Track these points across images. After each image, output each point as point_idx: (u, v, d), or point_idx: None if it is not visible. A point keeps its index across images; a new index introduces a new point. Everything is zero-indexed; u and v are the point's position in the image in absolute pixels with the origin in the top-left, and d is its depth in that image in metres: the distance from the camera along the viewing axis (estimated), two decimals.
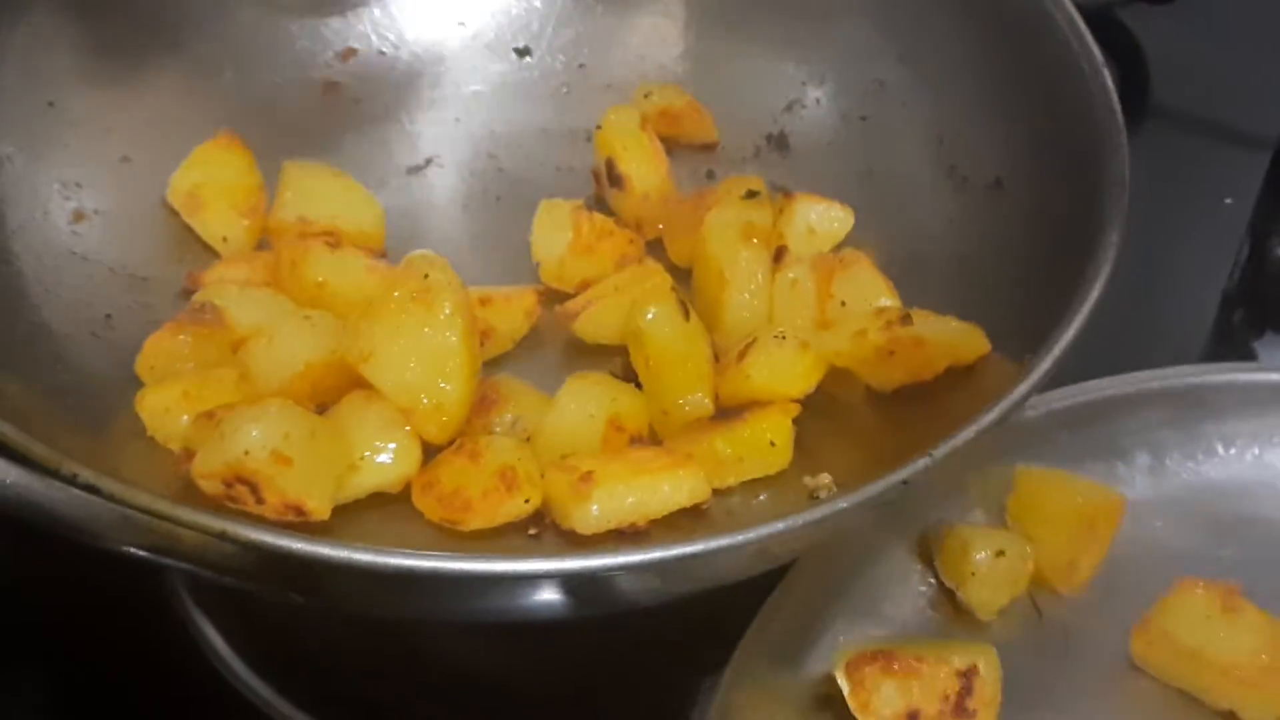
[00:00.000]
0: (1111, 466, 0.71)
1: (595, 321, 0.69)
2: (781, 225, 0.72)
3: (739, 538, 0.50)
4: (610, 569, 0.49)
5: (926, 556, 0.67)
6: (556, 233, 0.72)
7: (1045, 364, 0.57)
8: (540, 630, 0.63)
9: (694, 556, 0.49)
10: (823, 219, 0.72)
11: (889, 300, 0.68)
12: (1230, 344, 0.88)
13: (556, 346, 0.71)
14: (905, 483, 0.53)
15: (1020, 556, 0.65)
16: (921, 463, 0.53)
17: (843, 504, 0.52)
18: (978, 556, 0.64)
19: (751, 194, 0.72)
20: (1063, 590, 0.66)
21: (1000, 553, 0.64)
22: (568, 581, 0.50)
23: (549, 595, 0.52)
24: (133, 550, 0.47)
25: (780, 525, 0.51)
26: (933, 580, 0.67)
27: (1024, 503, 0.68)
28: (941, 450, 0.54)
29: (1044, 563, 0.66)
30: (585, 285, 0.72)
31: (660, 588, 0.55)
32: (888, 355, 0.63)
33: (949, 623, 0.65)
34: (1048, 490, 0.67)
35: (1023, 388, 0.56)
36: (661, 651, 0.65)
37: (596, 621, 0.61)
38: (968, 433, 0.55)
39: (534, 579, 0.50)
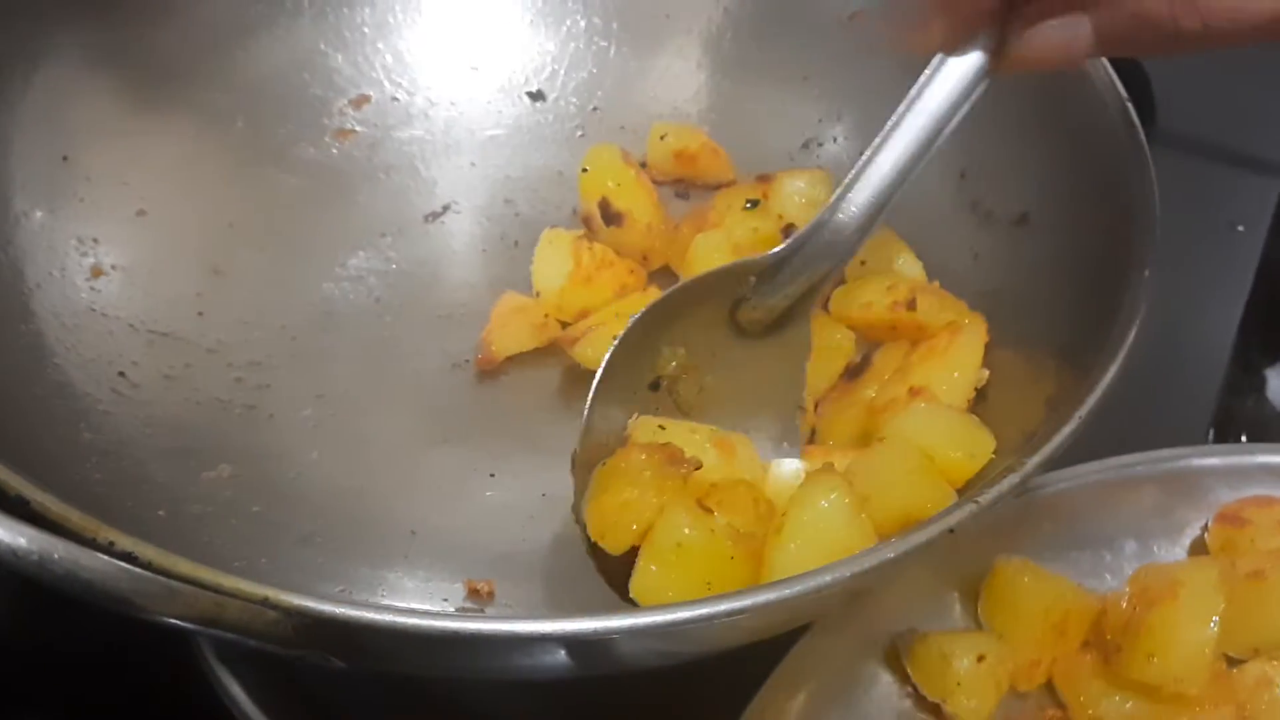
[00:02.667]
0: (1098, 556, 0.67)
1: (595, 346, 0.68)
2: (776, 207, 0.74)
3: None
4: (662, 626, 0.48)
5: (899, 669, 0.63)
6: (557, 262, 0.72)
7: (1089, 403, 0.56)
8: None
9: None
10: (810, 184, 0.74)
11: (906, 260, 0.72)
12: (1247, 371, 0.88)
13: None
14: (952, 530, 0.52)
15: (999, 658, 0.61)
16: (968, 508, 0.53)
17: (889, 553, 0.51)
18: (959, 664, 0.60)
19: (752, 204, 0.73)
20: (1020, 688, 0.63)
21: (981, 657, 0.61)
22: (617, 641, 0.49)
23: (600, 654, 0.51)
24: (176, 622, 0.46)
25: (828, 577, 0.50)
26: (910, 691, 0.63)
27: (996, 598, 0.64)
28: (988, 496, 0.53)
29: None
30: (585, 315, 0.72)
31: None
32: (889, 329, 0.68)
33: None
34: (1021, 587, 0.63)
35: (1066, 430, 0.55)
36: None
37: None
38: (1012, 479, 0.54)
39: (579, 640, 0.50)
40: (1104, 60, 0.69)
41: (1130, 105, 0.67)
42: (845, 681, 0.62)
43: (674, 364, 0.65)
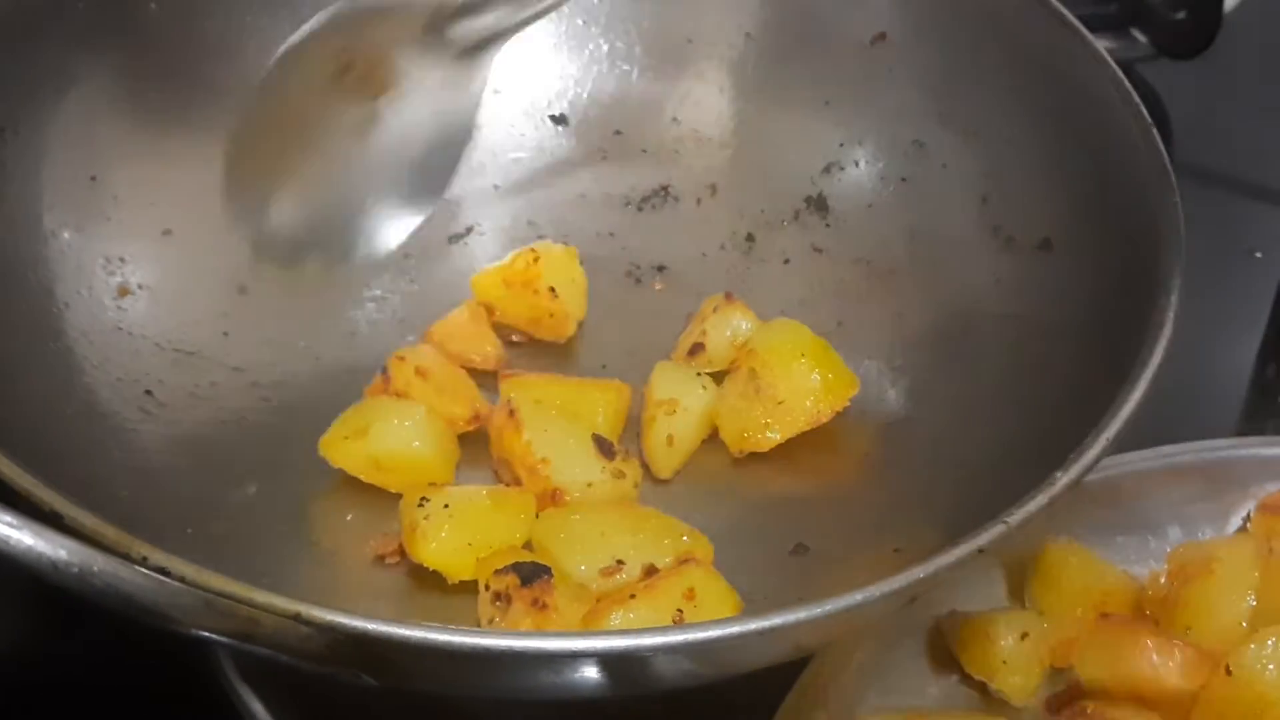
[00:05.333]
0: (1143, 541, 0.69)
1: None
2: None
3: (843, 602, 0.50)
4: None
5: (941, 648, 0.65)
6: None
7: (1115, 426, 0.56)
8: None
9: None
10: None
11: None
12: (1267, 397, 0.88)
13: None
14: (981, 550, 0.52)
15: (1041, 635, 0.63)
16: (998, 529, 0.53)
17: (919, 573, 0.52)
18: (1004, 643, 0.62)
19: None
20: (1059, 664, 0.64)
21: (1024, 635, 0.62)
22: (658, 658, 0.49)
23: (641, 671, 0.51)
24: (210, 635, 0.47)
25: (859, 596, 0.50)
26: (950, 671, 0.64)
27: (1044, 577, 0.66)
28: (1017, 517, 0.53)
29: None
30: None
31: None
32: None
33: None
34: (1068, 567, 0.66)
35: (1093, 452, 0.55)
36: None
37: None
38: (1040, 499, 0.54)
39: (618, 656, 0.50)
40: (1126, 83, 0.69)
41: (1154, 129, 0.67)
42: (885, 661, 0.63)
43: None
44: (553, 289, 0.73)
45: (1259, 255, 0.95)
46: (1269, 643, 0.59)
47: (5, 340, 0.63)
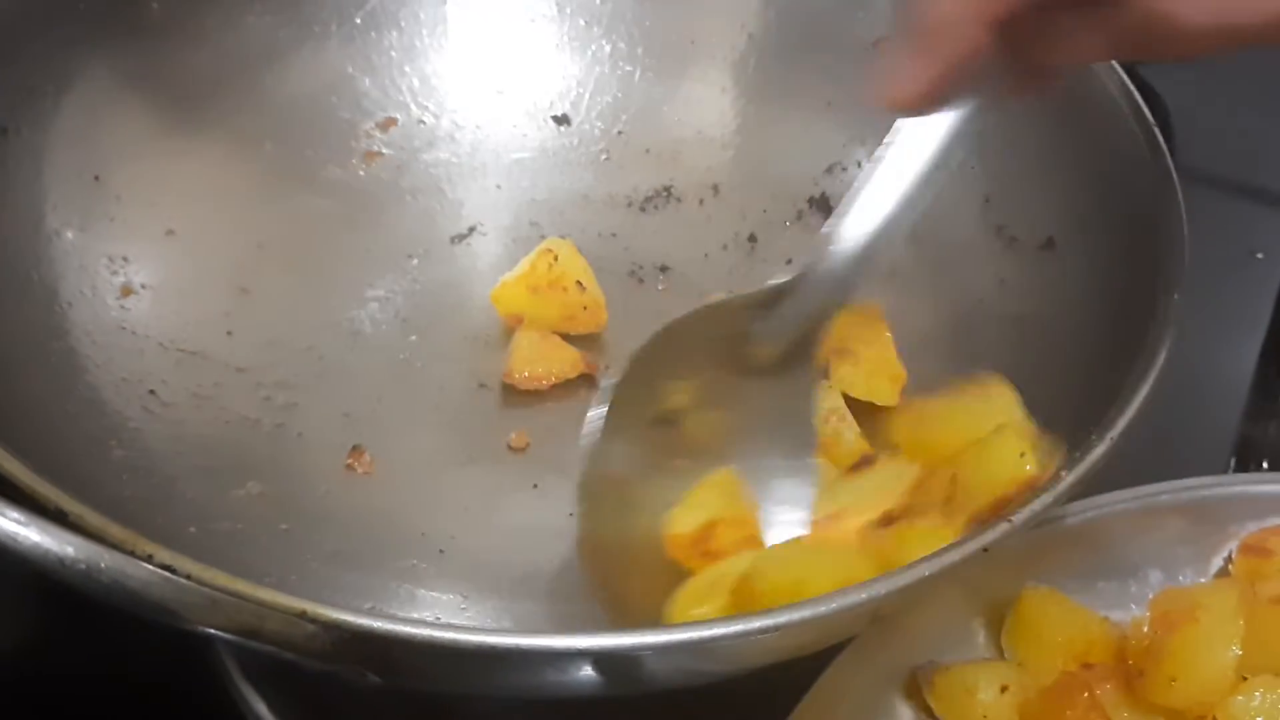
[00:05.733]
0: (1124, 585, 0.66)
1: None
2: None
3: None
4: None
5: (920, 701, 0.62)
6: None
7: (1119, 426, 0.56)
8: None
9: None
10: None
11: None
12: (1268, 398, 0.88)
13: None
14: (986, 549, 0.52)
15: (1021, 686, 0.61)
16: (1002, 527, 0.53)
17: (925, 570, 0.51)
18: (983, 696, 0.60)
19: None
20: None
21: (1004, 688, 0.60)
22: (660, 655, 0.50)
23: (645, 669, 0.51)
24: (216, 632, 0.47)
25: (863, 594, 0.50)
26: None
27: (1022, 626, 0.64)
28: (1022, 515, 0.53)
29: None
30: None
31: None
32: None
33: None
34: (1047, 616, 0.63)
35: (1098, 451, 0.55)
36: None
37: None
38: (1046, 497, 0.54)
39: (613, 655, 0.50)
40: (1130, 84, 0.69)
41: (1157, 129, 0.67)
42: (866, 716, 0.61)
43: (681, 398, 0.64)
44: (579, 283, 0.72)
45: (1260, 256, 0.95)
46: (1256, 694, 0.59)
47: (9, 340, 0.63)
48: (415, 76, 0.81)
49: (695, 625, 0.49)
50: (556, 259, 0.72)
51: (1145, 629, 0.63)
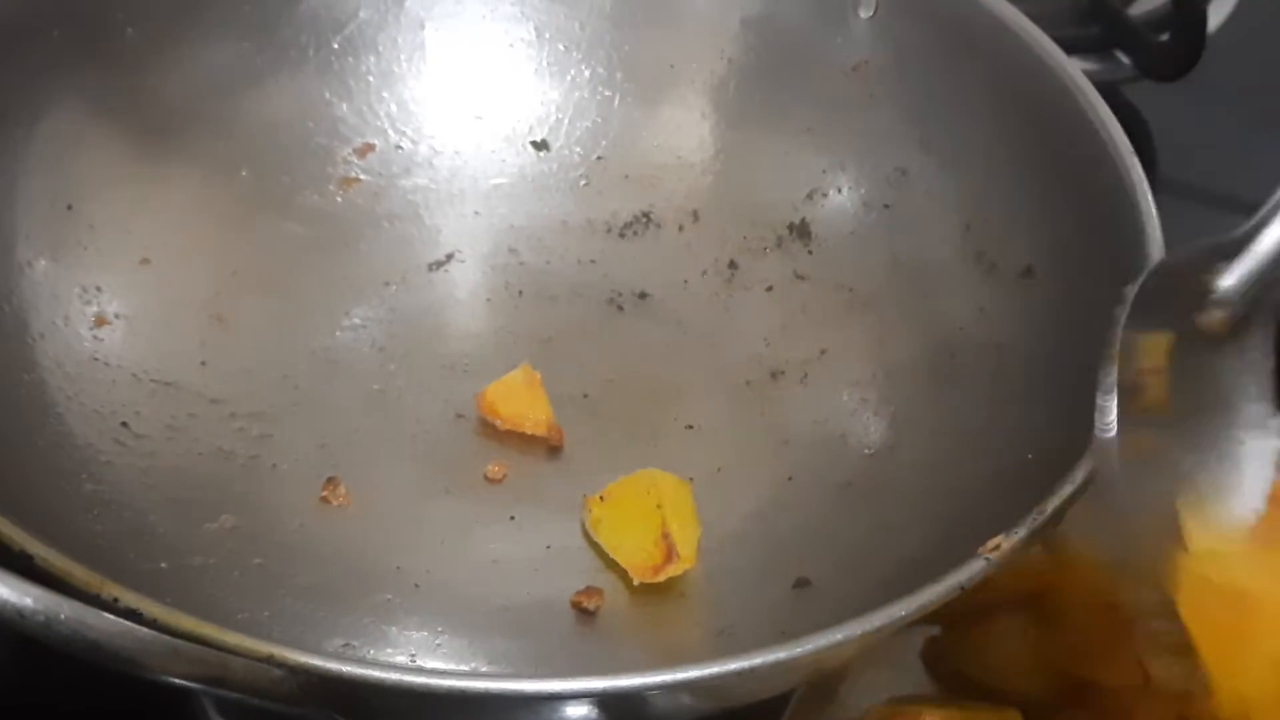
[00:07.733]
0: None
1: None
2: None
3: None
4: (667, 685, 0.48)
5: None
6: None
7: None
8: None
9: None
10: None
11: None
12: None
13: None
14: (963, 588, 0.52)
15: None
16: (978, 564, 0.52)
17: (901, 612, 0.51)
18: None
19: None
20: None
21: None
22: (618, 700, 0.49)
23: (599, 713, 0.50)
24: (182, 682, 0.46)
25: (839, 634, 0.50)
26: None
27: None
28: (1001, 551, 0.53)
29: None
30: None
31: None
32: None
33: None
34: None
35: (1080, 476, 0.55)
36: None
37: None
38: (1021, 532, 0.54)
39: (584, 699, 0.49)
40: (1106, 111, 0.69)
41: (1135, 155, 0.67)
42: None
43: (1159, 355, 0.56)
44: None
45: None
46: None
47: None
48: (393, 102, 0.81)
49: (686, 667, 0.48)
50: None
51: None
